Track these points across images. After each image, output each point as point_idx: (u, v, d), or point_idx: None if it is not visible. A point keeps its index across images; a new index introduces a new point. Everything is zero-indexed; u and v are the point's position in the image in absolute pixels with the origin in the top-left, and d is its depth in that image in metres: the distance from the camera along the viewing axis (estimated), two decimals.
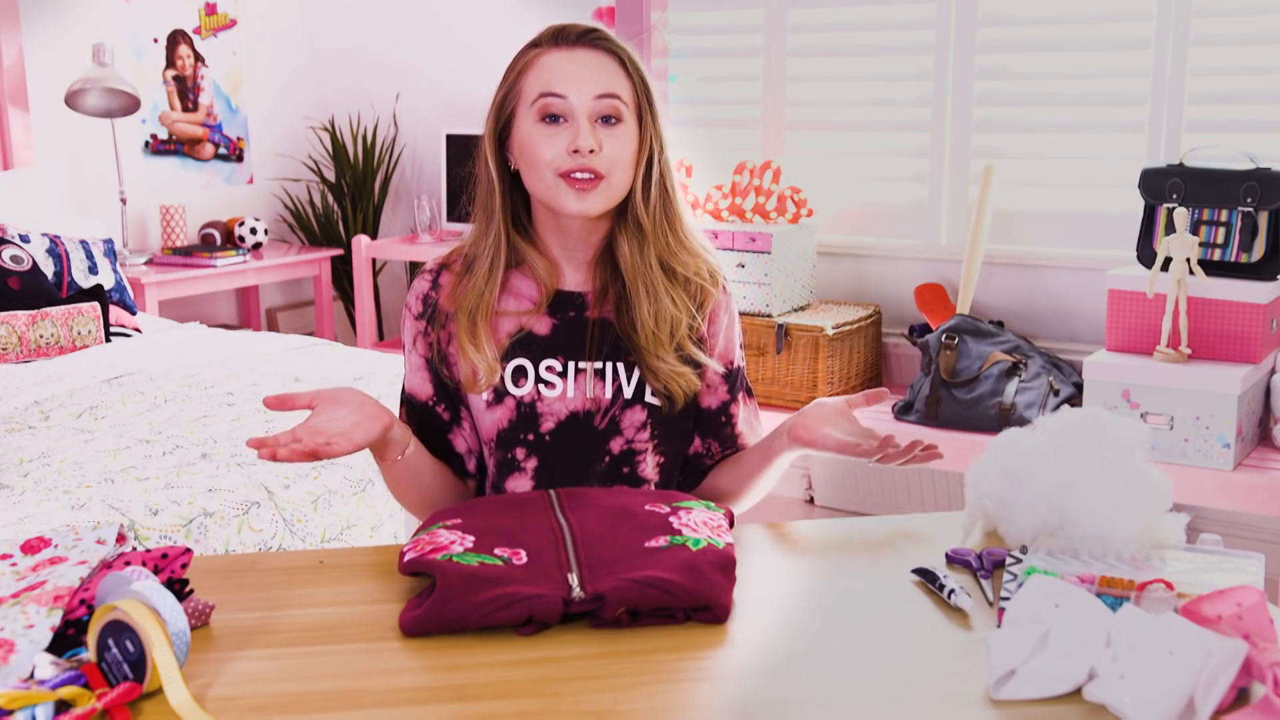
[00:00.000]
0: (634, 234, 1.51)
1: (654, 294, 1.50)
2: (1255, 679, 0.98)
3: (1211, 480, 2.80)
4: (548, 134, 1.45)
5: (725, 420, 1.61)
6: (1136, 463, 1.29)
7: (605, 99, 1.45)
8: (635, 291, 1.50)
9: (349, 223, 4.75)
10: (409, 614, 1.16)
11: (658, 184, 1.51)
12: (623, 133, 1.47)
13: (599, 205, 1.47)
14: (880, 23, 3.65)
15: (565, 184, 1.45)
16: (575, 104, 1.45)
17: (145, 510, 2.08)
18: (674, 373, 1.51)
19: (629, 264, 1.51)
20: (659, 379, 1.51)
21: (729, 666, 1.09)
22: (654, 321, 1.50)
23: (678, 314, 1.52)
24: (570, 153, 1.44)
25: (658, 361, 1.51)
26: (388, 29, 4.73)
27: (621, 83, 1.47)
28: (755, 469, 1.58)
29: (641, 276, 1.50)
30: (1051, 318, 3.47)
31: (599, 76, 1.46)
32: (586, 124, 1.44)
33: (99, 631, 1.02)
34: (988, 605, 1.21)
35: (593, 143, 1.43)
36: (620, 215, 1.52)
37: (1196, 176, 2.95)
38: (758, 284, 3.48)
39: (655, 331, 1.50)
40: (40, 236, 3.51)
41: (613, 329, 1.52)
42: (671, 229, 1.53)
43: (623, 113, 1.47)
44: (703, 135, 3.95)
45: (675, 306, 1.52)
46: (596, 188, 1.45)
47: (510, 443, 1.52)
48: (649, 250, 1.51)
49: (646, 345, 1.50)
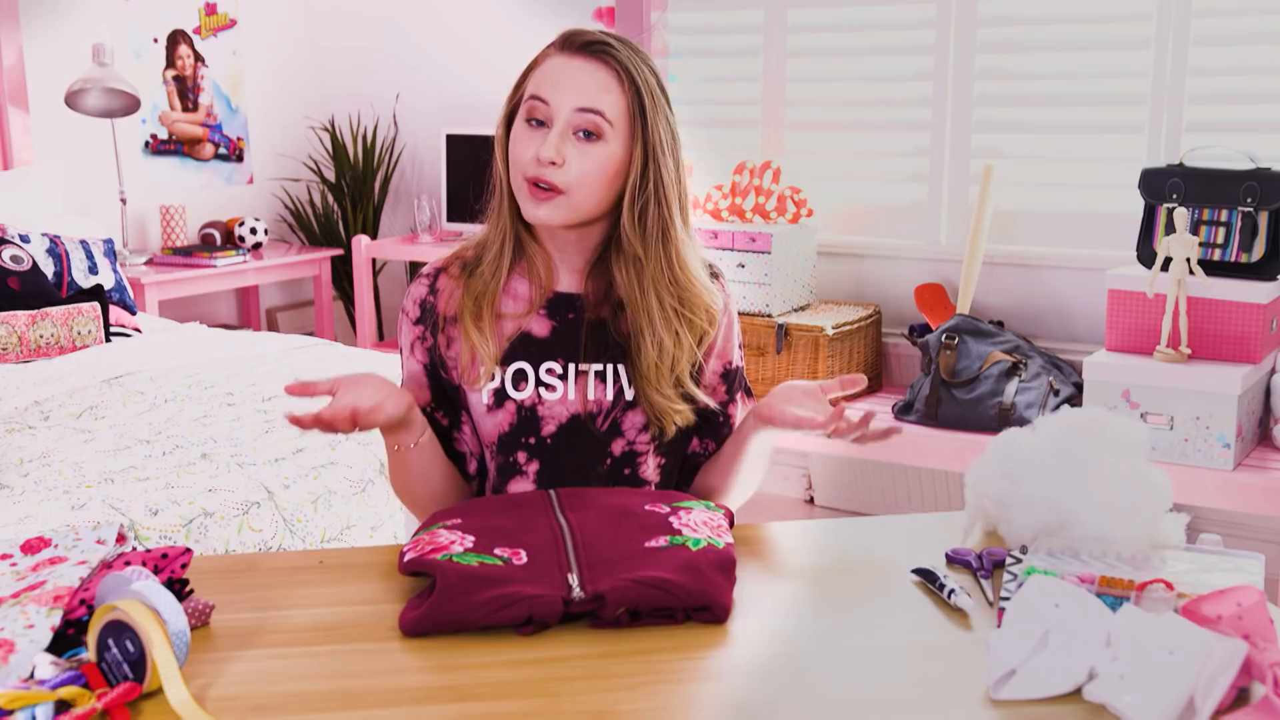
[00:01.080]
0: (630, 262, 1.48)
1: (654, 328, 1.48)
2: (1255, 679, 0.98)
3: (1211, 480, 2.80)
4: (527, 136, 1.44)
5: (724, 420, 1.61)
6: (1136, 463, 1.29)
7: (585, 114, 1.42)
8: (637, 323, 1.49)
9: (349, 223, 4.75)
10: (409, 614, 1.16)
11: (651, 212, 1.46)
12: (599, 151, 1.43)
13: (556, 218, 1.44)
14: (880, 23, 3.65)
15: (528, 189, 1.44)
16: (555, 111, 1.42)
17: (145, 510, 2.08)
18: (670, 408, 1.50)
19: (627, 294, 1.49)
20: (655, 411, 1.50)
21: (729, 666, 1.10)
22: (656, 354, 1.48)
23: (678, 351, 1.50)
24: (534, 159, 1.42)
25: (656, 395, 1.49)
26: (388, 29, 4.73)
27: (611, 99, 1.43)
28: (733, 457, 1.58)
29: (643, 309, 1.48)
30: (1051, 318, 3.47)
31: (587, 89, 1.42)
32: (558, 135, 1.42)
33: (99, 631, 1.02)
34: (988, 605, 1.21)
35: (554, 154, 1.41)
36: (615, 237, 1.49)
37: (1196, 176, 2.95)
38: (758, 284, 3.48)
39: (657, 363, 1.49)
40: (40, 236, 3.51)
41: (611, 331, 1.51)
42: (668, 261, 1.48)
43: (603, 130, 1.42)
44: (703, 135, 3.95)
45: (676, 343, 1.50)
46: (554, 200, 1.43)
47: (511, 446, 1.52)
48: (647, 280, 1.48)
49: (648, 375, 1.49)
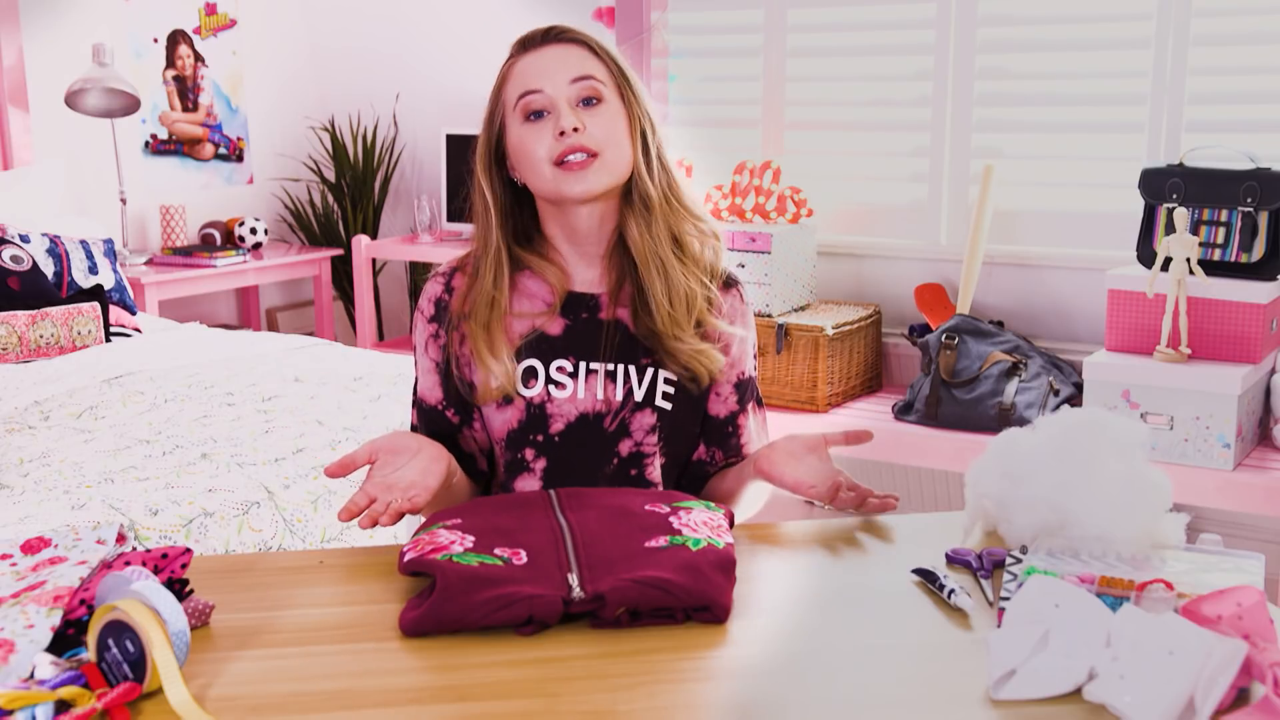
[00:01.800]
0: (641, 212, 1.52)
1: (666, 271, 1.51)
2: (1255, 679, 0.98)
3: (1211, 480, 2.79)
4: (534, 130, 1.48)
5: (732, 430, 1.61)
6: (1136, 463, 1.29)
7: (581, 81, 1.49)
8: (648, 272, 1.51)
9: (349, 223, 4.75)
10: (409, 614, 1.16)
11: (656, 161, 1.53)
12: (606, 111, 1.49)
13: (600, 183, 1.48)
14: (880, 23, 3.65)
15: (562, 171, 1.47)
16: (553, 94, 1.48)
17: (145, 510, 2.08)
18: (695, 351, 1.51)
19: (639, 245, 1.51)
20: (680, 361, 1.51)
21: (729, 666, 1.09)
22: (669, 301, 1.50)
23: (692, 289, 1.52)
24: (558, 137, 1.46)
25: (677, 343, 1.50)
26: (388, 29, 4.72)
27: (594, 65, 1.50)
28: (732, 490, 1.58)
29: (653, 255, 1.51)
30: (1051, 318, 3.47)
31: (570, 64, 1.49)
32: (567, 108, 1.47)
33: (99, 631, 1.02)
34: (988, 605, 1.20)
35: (576, 122, 1.46)
36: (626, 198, 1.53)
37: (1196, 176, 2.95)
38: (758, 284, 3.48)
39: (671, 312, 1.50)
40: (40, 236, 3.51)
41: (626, 330, 1.52)
42: (677, 198, 1.55)
43: (602, 92, 1.49)
44: (703, 135, 3.95)
45: (689, 281, 1.52)
46: (592, 165, 1.47)
47: (520, 443, 1.52)
48: (657, 225, 1.52)
49: (665, 328, 1.50)
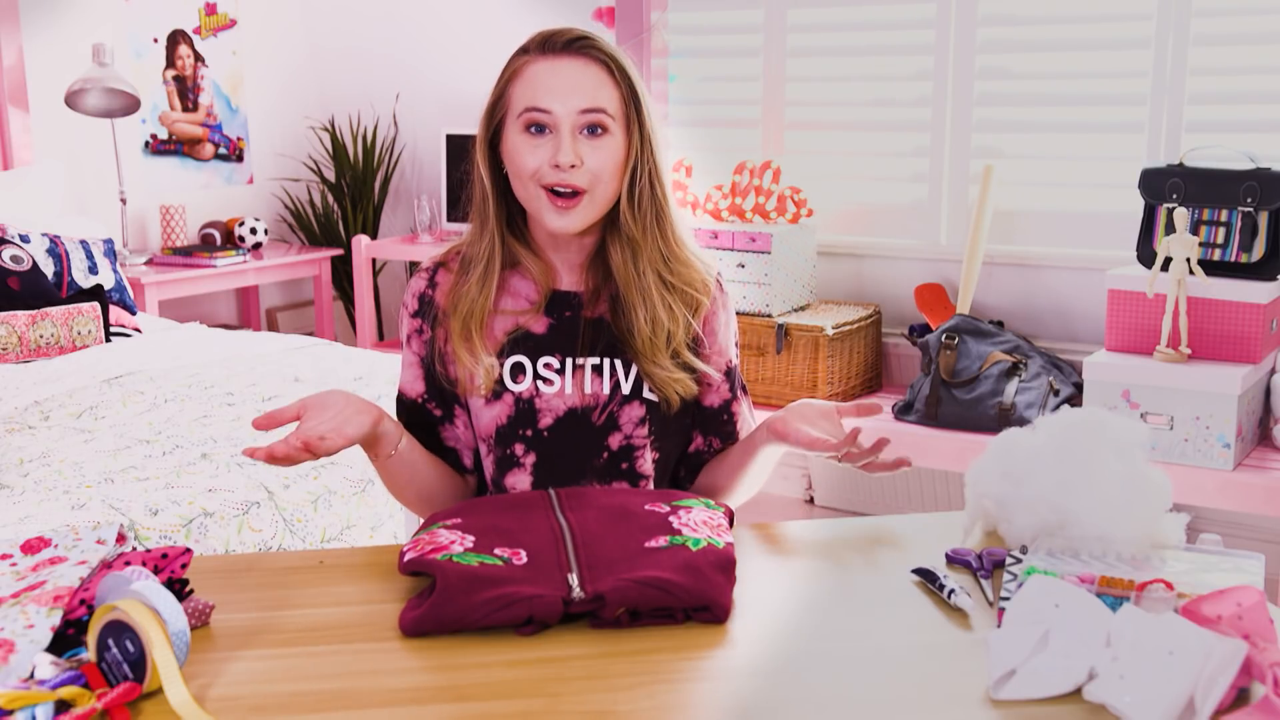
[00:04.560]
0: (625, 244, 1.50)
1: (649, 303, 1.50)
2: (1255, 679, 0.98)
3: (1211, 480, 2.80)
4: (532, 145, 1.46)
5: (728, 418, 1.61)
6: (1136, 463, 1.29)
7: (590, 113, 1.45)
8: (630, 300, 1.50)
9: (349, 223, 4.75)
10: (409, 614, 1.16)
11: (646, 193, 1.50)
12: (608, 144, 1.46)
13: (580, 222, 1.47)
14: (880, 23, 3.65)
15: (547, 199, 1.46)
16: (560, 116, 1.44)
17: (145, 510, 2.08)
18: (670, 378, 1.52)
19: (622, 274, 1.51)
20: (655, 383, 1.52)
21: (729, 666, 1.09)
22: (650, 329, 1.50)
23: (673, 324, 1.52)
24: (552, 166, 1.44)
25: (654, 367, 1.51)
26: (388, 29, 4.73)
27: (608, 93, 1.46)
28: (739, 464, 1.59)
29: (636, 287, 1.50)
30: (1051, 318, 3.47)
31: (584, 89, 1.45)
32: (569, 138, 1.44)
33: (99, 631, 1.02)
34: (988, 605, 1.21)
35: (574, 158, 1.43)
36: (611, 223, 1.52)
37: (1196, 176, 2.95)
38: (758, 284, 3.48)
39: (651, 338, 1.50)
40: (40, 236, 3.51)
41: (609, 327, 1.53)
42: (664, 238, 1.52)
43: (609, 125, 1.46)
44: (703, 135, 3.95)
45: (670, 316, 1.51)
46: (578, 205, 1.46)
47: (509, 439, 1.52)
48: (642, 261, 1.51)
49: (644, 350, 1.51)
